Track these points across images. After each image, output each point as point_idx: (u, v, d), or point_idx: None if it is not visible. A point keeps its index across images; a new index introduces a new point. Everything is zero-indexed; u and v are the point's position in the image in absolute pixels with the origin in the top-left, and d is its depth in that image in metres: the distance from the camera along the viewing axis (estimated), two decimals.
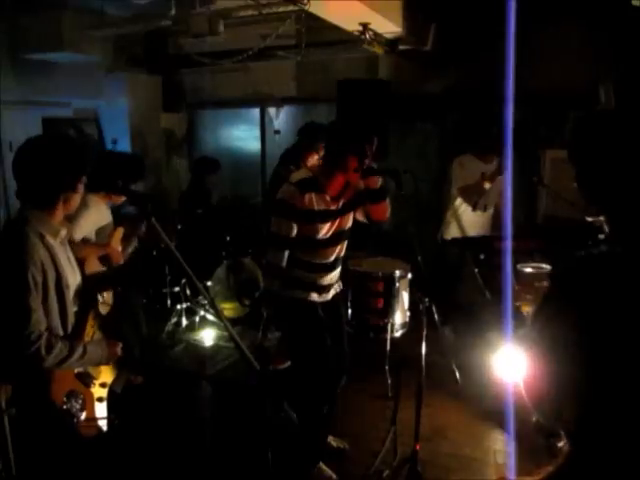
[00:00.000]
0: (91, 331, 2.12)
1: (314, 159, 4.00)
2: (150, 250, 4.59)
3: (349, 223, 2.74)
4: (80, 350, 1.96)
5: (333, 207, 2.61)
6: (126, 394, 2.25)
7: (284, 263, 2.57)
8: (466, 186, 4.05)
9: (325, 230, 2.61)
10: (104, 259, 3.18)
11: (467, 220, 4.19)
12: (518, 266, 3.12)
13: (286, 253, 2.56)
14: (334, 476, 2.81)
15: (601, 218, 1.10)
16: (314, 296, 2.68)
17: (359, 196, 2.68)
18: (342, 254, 2.78)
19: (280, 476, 2.37)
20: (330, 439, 3.04)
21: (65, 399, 1.96)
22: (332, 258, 2.71)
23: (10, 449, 1.91)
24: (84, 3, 4.80)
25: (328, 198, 2.59)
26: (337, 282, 2.84)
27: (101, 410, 2.10)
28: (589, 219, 1.15)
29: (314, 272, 2.67)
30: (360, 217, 2.77)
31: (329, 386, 2.80)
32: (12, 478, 1.94)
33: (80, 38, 4.96)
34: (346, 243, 2.79)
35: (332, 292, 2.80)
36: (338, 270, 2.80)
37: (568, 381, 1.04)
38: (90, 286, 2.20)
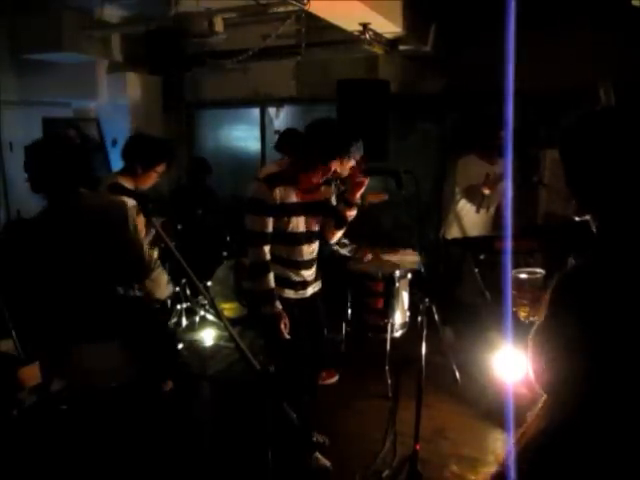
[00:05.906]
0: None
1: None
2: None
3: (317, 227, 2.76)
4: None
5: (302, 200, 2.65)
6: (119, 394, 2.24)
7: (268, 257, 2.60)
8: (470, 187, 4.04)
9: (295, 224, 2.64)
10: None
11: (469, 220, 4.19)
12: (513, 272, 3.12)
13: (267, 248, 2.60)
14: (328, 464, 2.86)
15: (587, 217, 1.12)
16: (289, 293, 2.71)
17: (331, 209, 2.74)
18: (314, 255, 2.80)
19: (280, 476, 2.37)
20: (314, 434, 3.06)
21: None
22: (305, 257, 2.73)
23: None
24: (84, 3, 4.80)
25: (298, 191, 2.62)
26: (316, 281, 2.86)
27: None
28: (577, 219, 1.16)
29: (287, 268, 2.70)
30: None
31: (306, 381, 2.83)
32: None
33: (80, 38, 4.96)
34: (317, 245, 2.81)
35: (310, 290, 2.81)
36: (313, 270, 2.81)
37: (570, 375, 1.07)
38: None
